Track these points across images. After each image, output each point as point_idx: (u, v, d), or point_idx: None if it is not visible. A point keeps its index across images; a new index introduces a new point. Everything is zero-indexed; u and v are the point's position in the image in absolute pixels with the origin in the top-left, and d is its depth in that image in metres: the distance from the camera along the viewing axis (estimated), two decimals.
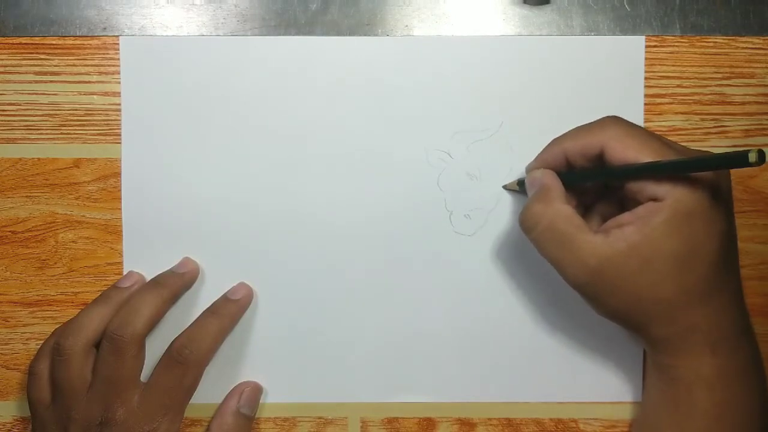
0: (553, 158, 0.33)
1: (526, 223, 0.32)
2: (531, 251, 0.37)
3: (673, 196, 0.29)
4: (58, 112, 0.37)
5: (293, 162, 0.37)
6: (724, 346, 0.31)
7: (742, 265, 0.33)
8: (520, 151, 0.37)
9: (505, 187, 0.37)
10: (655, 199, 0.29)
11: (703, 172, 0.29)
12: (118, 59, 0.37)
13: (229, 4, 0.37)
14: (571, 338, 0.37)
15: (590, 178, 0.33)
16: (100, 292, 0.37)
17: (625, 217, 0.30)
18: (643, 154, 0.30)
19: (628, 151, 0.30)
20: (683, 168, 0.29)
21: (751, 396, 0.31)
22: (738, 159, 0.26)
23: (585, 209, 0.35)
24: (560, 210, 0.31)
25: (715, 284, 0.30)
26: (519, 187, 0.36)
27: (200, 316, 0.36)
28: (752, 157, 0.25)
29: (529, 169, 0.35)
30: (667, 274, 0.29)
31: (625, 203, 0.32)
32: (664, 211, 0.29)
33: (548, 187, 0.32)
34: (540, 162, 0.34)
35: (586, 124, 0.32)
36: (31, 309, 0.38)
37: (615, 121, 0.32)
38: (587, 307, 0.32)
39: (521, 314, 0.37)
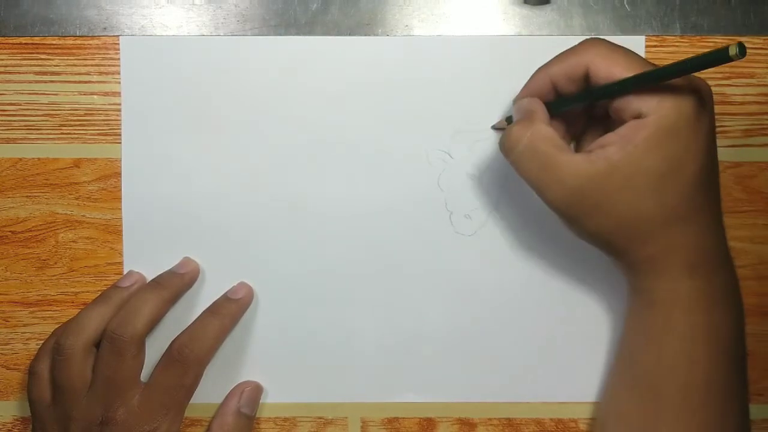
0: (539, 86, 0.33)
1: (506, 144, 0.32)
2: (531, 252, 0.37)
3: (657, 112, 0.29)
4: (58, 112, 0.37)
5: (293, 162, 0.37)
6: (702, 269, 0.30)
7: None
8: None
9: (494, 127, 0.36)
10: (639, 116, 0.29)
11: (688, 92, 0.29)
12: (118, 59, 0.37)
13: (229, 4, 0.37)
14: (572, 338, 0.37)
15: (576, 100, 0.32)
16: (100, 292, 0.37)
17: (608, 137, 0.30)
18: (628, 70, 0.29)
19: (613, 68, 0.30)
20: (667, 74, 0.28)
21: (728, 321, 0.31)
22: (719, 55, 0.26)
23: (574, 140, 0.34)
24: (541, 130, 0.31)
25: (695, 204, 0.30)
26: (508, 123, 0.36)
27: (200, 315, 0.36)
28: (732, 50, 0.25)
29: (516, 99, 0.34)
30: (647, 192, 0.29)
31: (611, 127, 0.31)
32: (648, 127, 0.29)
33: (531, 111, 0.32)
34: (527, 91, 0.34)
35: (569, 48, 0.32)
36: (31, 309, 0.38)
37: (597, 40, 0.31)
38: (587, 307, 0.31)
39: (521, 314, 0.37)
